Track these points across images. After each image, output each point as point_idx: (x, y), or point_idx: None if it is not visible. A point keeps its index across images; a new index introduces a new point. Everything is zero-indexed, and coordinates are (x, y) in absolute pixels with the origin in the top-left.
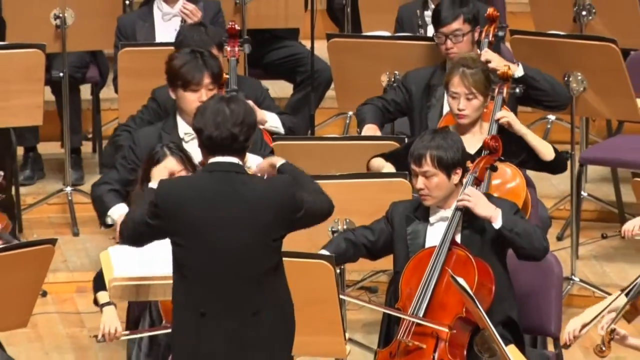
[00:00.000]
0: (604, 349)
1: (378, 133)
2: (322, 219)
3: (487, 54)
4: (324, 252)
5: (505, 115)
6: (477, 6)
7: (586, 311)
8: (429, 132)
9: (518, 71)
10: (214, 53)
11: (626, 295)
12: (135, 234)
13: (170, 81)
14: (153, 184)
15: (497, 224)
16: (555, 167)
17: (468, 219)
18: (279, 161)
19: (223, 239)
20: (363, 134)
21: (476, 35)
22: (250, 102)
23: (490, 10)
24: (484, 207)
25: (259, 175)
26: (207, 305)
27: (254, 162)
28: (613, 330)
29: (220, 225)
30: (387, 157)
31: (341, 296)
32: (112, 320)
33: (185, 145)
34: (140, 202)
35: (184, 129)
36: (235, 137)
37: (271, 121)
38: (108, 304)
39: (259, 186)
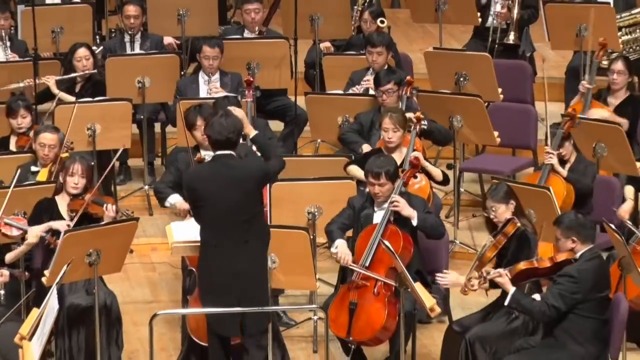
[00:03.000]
0: (467, 290)
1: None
2: (279, 173)
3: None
4: (340, 240)
5: (417, 154)
6: (402, 75)
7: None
8: (376, 156)
9: (425, 125)
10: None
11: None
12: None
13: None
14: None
15: (414, 222)
16: (443, 184)
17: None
18: (252, 132)
19: (224, 200)
20: (365, 150)
21: (400, 92)
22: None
23: (408, 77)
24: (407, 210)
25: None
26: (216, 240)
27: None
28: (470, 279)
29: (221, 192)
30: (356, 161)
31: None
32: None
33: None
34: None
35: (204, 154)
36: (230, 139)
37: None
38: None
39: (243, 167)
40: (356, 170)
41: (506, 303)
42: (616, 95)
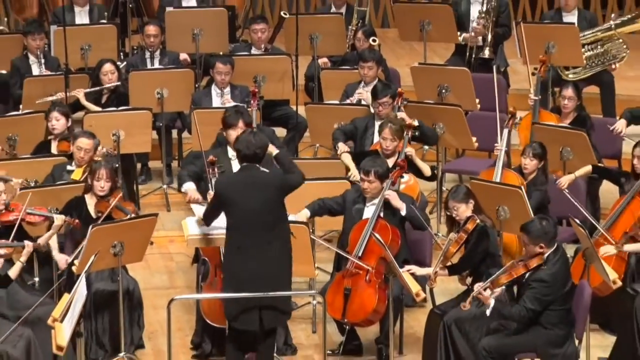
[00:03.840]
0: (432, 283)
1: (347, 147)
2: (299, 186)
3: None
4: (306, 209)
5: (410, 151)
6: (395, 88)
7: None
8: (371, 157)
9: (416, 131)
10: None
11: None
12: (207, 219)
13: (223, 125)
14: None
15: (403, 212)
16: (430, 179)
17: (388, 205)
18: (274, 151)
19: (250, 206)
20: (341, 148)
21: (393, 103)
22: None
23: (399, 89)
24: (396, 201)
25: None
26: (240, 242)
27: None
28: (436, 272)
29: (248, 199)
30: (353, 153)
31: (317, 239)
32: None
33: (232, 162)
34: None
35: (230, 153)
36: (257, 154)
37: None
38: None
39: (266, 176)
40: (347, 159)
41: (487, 314)
42: (567, 116)
